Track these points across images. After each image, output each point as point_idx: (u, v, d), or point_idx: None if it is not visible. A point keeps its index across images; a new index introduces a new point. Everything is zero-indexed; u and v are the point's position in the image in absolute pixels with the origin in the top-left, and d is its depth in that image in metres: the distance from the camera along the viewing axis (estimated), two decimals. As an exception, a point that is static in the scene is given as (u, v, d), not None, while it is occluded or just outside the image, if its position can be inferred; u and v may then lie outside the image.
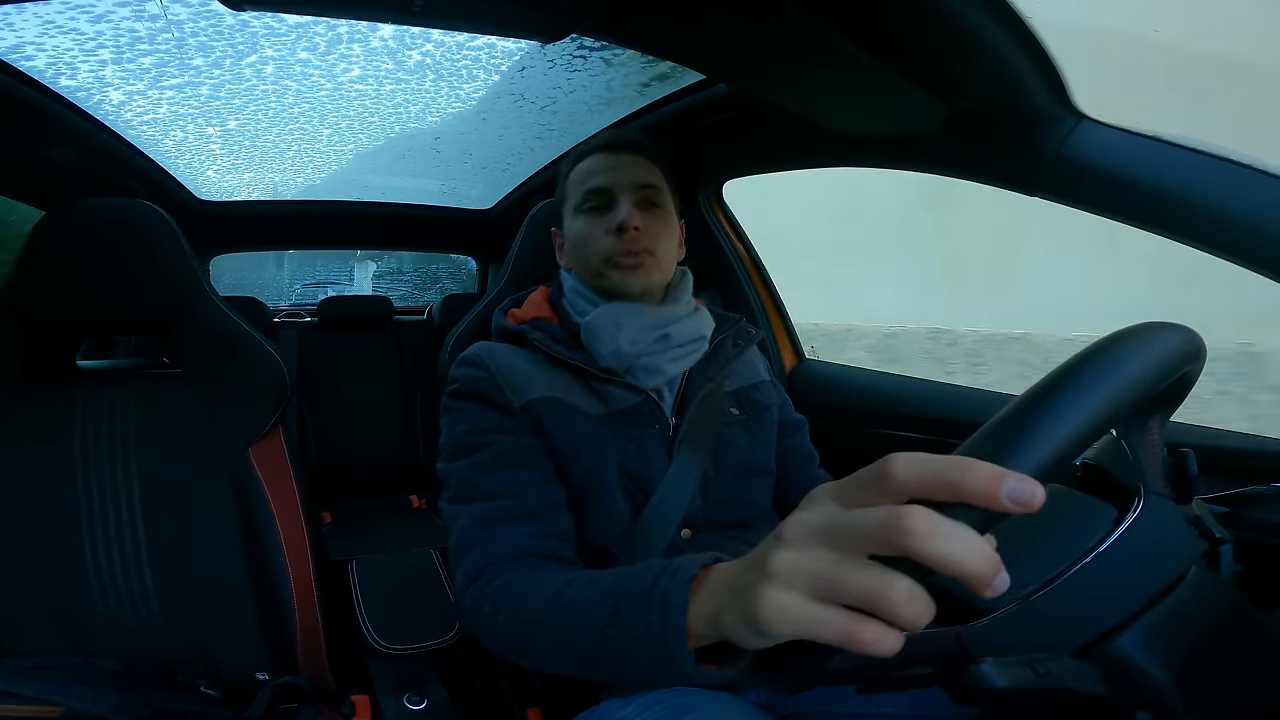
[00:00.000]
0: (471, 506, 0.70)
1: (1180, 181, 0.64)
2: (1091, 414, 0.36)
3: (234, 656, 0.92)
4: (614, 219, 0.78)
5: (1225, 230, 0.62)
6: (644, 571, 0.49)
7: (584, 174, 0.82)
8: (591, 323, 0.78)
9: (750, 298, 1.37)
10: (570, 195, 0.84)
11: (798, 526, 0.33)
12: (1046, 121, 0.71)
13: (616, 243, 0.78)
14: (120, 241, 0.90)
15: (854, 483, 0.31)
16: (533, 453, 0.74)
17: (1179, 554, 0.47)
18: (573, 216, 0.83)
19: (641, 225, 0.79)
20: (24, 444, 0.90)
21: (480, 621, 0.65)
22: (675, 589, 0.44)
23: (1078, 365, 0.38)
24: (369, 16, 0.90)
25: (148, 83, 1.19)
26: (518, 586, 0.63)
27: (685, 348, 0.80)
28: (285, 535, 0.93)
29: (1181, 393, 0.50)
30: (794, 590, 0.31)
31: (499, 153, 1.73)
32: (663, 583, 0.46)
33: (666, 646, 0.43)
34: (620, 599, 0.50)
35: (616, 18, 0.76)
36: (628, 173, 0.81)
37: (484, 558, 0.67)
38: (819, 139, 1.04)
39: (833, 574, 0.30)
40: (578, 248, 0.82)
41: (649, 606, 0.46)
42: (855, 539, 0.30)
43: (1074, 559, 0.45)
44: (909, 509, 0.28)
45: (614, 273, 0.79)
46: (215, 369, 0.97)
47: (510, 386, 0.75)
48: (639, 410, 0.78)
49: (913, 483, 0.29)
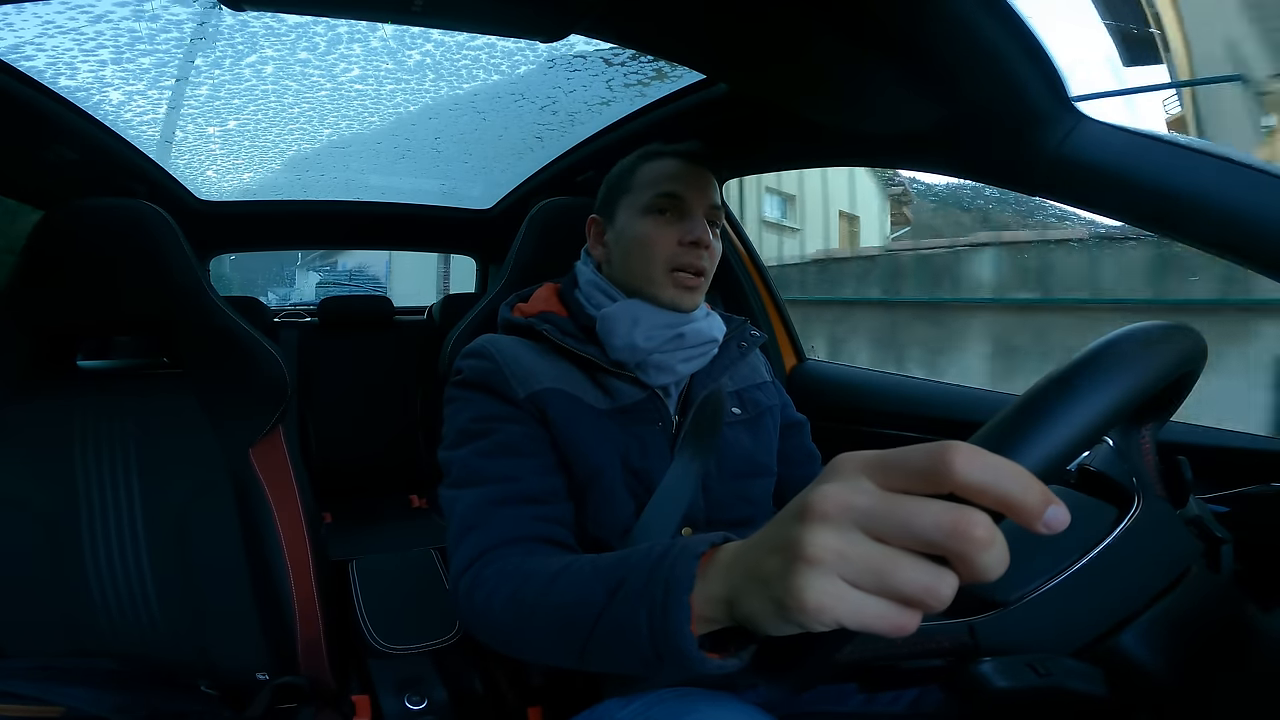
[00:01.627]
0: (472, 490, 0.70)
1: (1180, 181, 0.64)
2: (1097, 412, 0.36)
3: (234, 656, 0.92)
4: (691, 231, 0.77)
5: (1225, 230, 0.62)
6: (648, 550, 0.47)
7: (658, 175, 0.80)
8: (609, 314, 0.78)
9: (751, 298, 1.37)
10: (637, 192, 0.81)
11: (835, 503, 0.30)
12: (1046, 120, 0.71)
13: (685, 255, 0.78)
14: (120, 241, 0.90)
15: (900, 465, 0.29)
16: (536, 441, 0.73)
17: (1179, 554, 0.47)
18: (637, 215, 0.80)
19: (709, 245, 0.79)
20: (24, 444, 0.90)
21: (475, 606, 0.63)
22: (682, 565, 0.41)
23: (1081, 363, 0.38)
24: (369, 16, 0.90)
25: (147, 83, 1.19)
26: (516, 569, 0.61)
27: (698, 349, 0.80)
28: (285, 535, 0.93)
29: (1178, 396, 0.51)
30: (841, 578, 0.29)
31: (499, 153, 1.73)
32: (668, 559, 0.43)
33: (668, 626, 0.40)
34: (622, 577, 0.47)
35: (616, 18, 0.76)
36: (703, 188, 0.80)
37: (483, 541, 0.66)
38: (819, 139, 1.04)
39: (887, 569, 0.29)
40: (637, 247, 0.80)
41: (652, 583, 0.43)
42: (907, 535, 0.28)
43: (1074, 559, 0.45)
44: (977, 516, 0.27)
45: (671, 287, 0.78)
46: (215, 369, 0.97)
47: (515, 377, 0.75)
48: (643, 407, 0.78)
49: (973, 485, 0.28)
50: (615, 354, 0.77)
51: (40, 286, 0.90)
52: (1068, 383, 0.36)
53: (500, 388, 0.75)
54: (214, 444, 0.95)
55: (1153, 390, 0.39)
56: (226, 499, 0.94)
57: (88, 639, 0.88)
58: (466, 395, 0.77)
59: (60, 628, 0.88)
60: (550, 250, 1.01)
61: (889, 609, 0.29)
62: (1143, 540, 0.46)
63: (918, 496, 0.29)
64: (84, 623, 0.88)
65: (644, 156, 0.84)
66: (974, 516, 0.27)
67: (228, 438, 0.96)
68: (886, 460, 0.30)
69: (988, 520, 0.27)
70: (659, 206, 0.79)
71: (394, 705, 0.97)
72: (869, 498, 0.29)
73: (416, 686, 1.01)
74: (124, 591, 0.90)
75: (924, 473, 0.28)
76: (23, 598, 0.87)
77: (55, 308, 0.91)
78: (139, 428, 0.94)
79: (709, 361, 0.83)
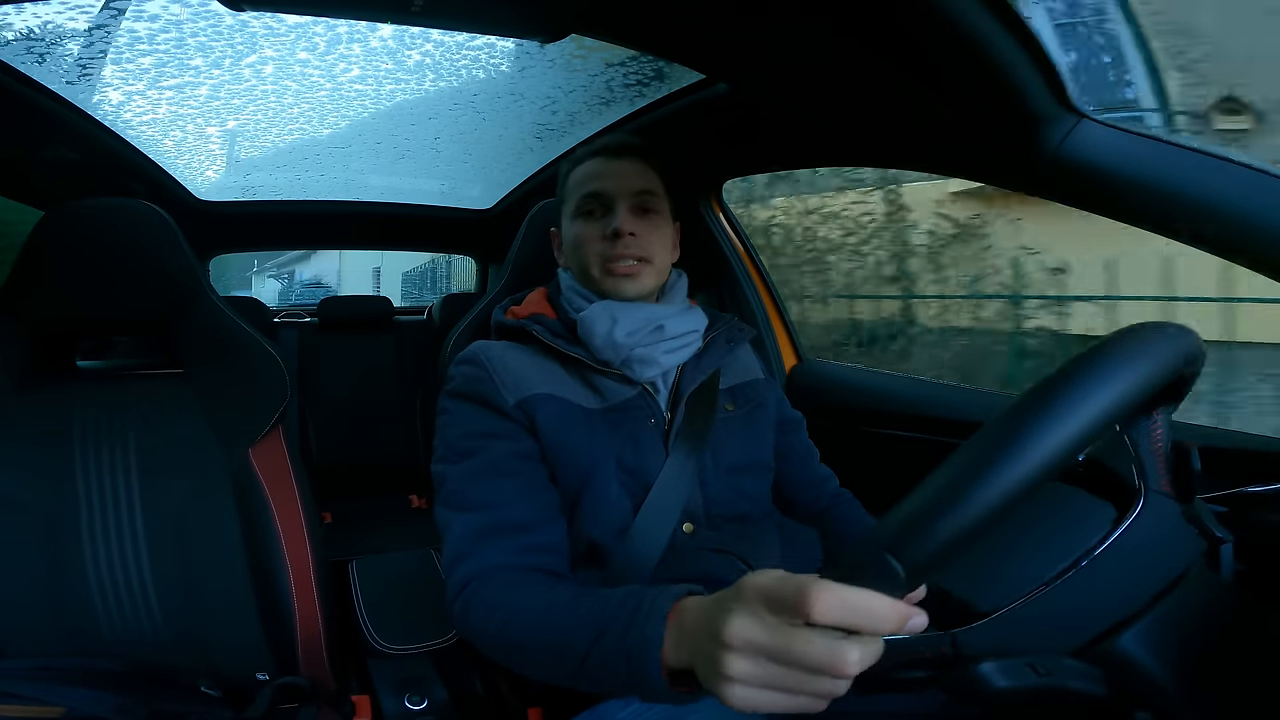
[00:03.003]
0: (461, 517, 0.71)
1: (1179, 181, 0.64)
2: (1097, 411, 0.36)
3: (234, 657, 0.92)
4: (609, 225, 0.79)
5: (1224, 230, 0.62)
6: (622, 600, 0.54)
7: (581, 178, 0.83)
8: (587, 316, 0.79)
9: (750, 297, 1.37)
10: (568, 198, 0.85)
11: (741, 639, 0.39)
12: (1045, 121, 0.71)
13: (611, 248, 0.79)
14: (120, 241, 0.90)
15: (781, 600, 0.38)
16: (523, 459, 0.74)
17: (1179, 554, 0.47)
18: (570, 220, 0.84)
19: (637, 231, 0.80)
20: (23, 444, 0.90)
21: (471, 628, 0.67)
22: (651, 626, 0.49)
23: (1084, 361, 0.38)
24: (369, 16, 0.90)
25: (148, 83, 1.19)
26: (503, 601, 0.65)
27: (679, 339, 0.81)
28: (285, 535, 0.93)
29: (1185, 388, 0.50)
30: (755, 686, 0.40)
31: (499, 153, 1.72)
32: (640, 615, 0.51)
33: (645, 673, 0.49)
34: (601, 631, 0.54)
35: (616, 18, 0.76)
36: (624, 178, 0.81)
37: (471, 569, 0.68)
38: (818, 139, 1.04)
39: (789, 683, 0.39)
40: (574, 251, 0.83)
41: (629, 637, 0.51)
42: (799, 664, 0.38)
43: (1074, 559, 0.45)
44: (847, 653, 0.36)
45: (607, 279, 0.80)
46: (215, 369, 0.97)
47: (505, 384, 0.76)
48: (634, 404, 0.79)
49: (830, 623, 0.36)
50: (599, 353, 0.78)
51: (40, 286, 0.90)
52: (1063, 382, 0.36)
53: (490, 397, 0.76)
54: (214, 444, 0.95)
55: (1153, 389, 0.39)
56: (226, 499, 0.94)
57: (88, 639, 0.88)
58: (456, 407, 0.78)
59: (60, 628, 0.88)
60: (550, 251, 1.01)
61: (797, 700, 0.39)
62: (1143, 540, 0.46)
63: (803, 630, 0.37)
64: (84, 623, 0.88)
65: (572, 162, 0.86)
66: (844, 654, 0.36)
67: (227, 438, 0.96)
68: (773, 595, 0.39)
69: (858, 651, 0.36)
70: (585, 209, 0.82)
71: (394, 705, 0.97)
72: (766, 634, 0.39)
73: (416, 686, 1.01)
74: (124, 591, 0.90)
75: (795, 609, 0.37)
76: (23, 598, 0.87)
77: (55, 307, 0.91)
78: (139, 427, 0.94)
79: (695, 356, 0.83)
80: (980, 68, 0.68)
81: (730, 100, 1.11)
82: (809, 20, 0.68)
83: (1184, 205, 0.64)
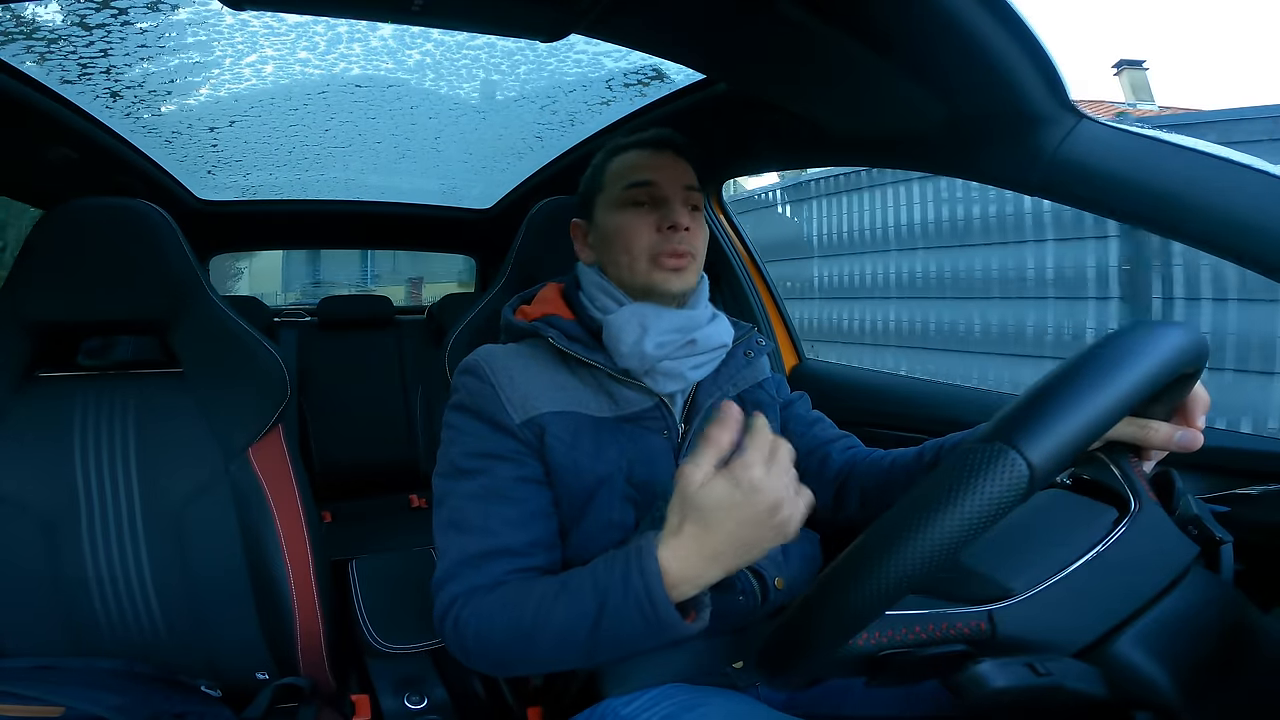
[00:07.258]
0: (458, 540, 0.69)
1: (1179, 181, 0.64)
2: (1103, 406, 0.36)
3: (234, 656, 0.92)
4: (666, 216, 0.77)
5: (1224, 230, 0.62)
6: (609, 566, 0.59)
7: (627, 168, 0.80)
8: (615, 321, 0.75)
9: (750, 298, 1.37)
10: (608, 186, 0.81)
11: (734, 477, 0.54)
12: (1045, 121, 0.71)
13: (664, 241, 0.76)
14: (120, 241, 0.90)
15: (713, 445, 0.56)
16: (525, 484, 0.72)
17: (1178, 554, 0.47)
18: (611, 209, 0.80)
19: (691, 226, 0.78)
20: (23, 444, 0.90)
21: (466, 646, 0.66)
22: (648, 565, 0.56)
23: (1088, 358, 0.38)
24: (369, 16, 0.90)
25: (148, 82, 1.18)
26: (492, 605, 0.65)
27: (708, 354, 0.79)
28: (285, 535, 0.93)
29: (1177, 397, 0.51)
30: (785, 493, 0.55)
31: (499, 153, 1.72)
32: (632, 569, 0.57)
33: (658, 614, 0.56)
34: (602, 594, 0.58)
35: (616, 18, 0.76)
36: (676, 172, 0.79)
37: (458, 589, 0.67)
38: (818, 138, 1.04)
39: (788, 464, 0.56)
40: (616, 241, 0.79)
41: (629, 589, 0.57)
42: (773, 456, 0.56)
43: (1074, 559, 0.45)
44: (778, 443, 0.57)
45: (657, 272, 0.77)
46: (215, 369, 0.97)
47: (511, 400, 0.73)
48: (650, 415, 0.77)
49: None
50: (622, 361, 0.75)
51: (40, 286, 0.90)
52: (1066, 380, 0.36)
53: (495, 414, 0.73)
54: (213, 444, 0.95)
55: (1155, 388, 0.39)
56: (226, 499, 0.94)
57: (88, 639, 0.88)
58: (461, 423, 0.75)
59: (60, 628, 0.88)
60: (550, 250, 1.01)
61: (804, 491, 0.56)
62: (1142, 540, 0.46)
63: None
64: (84, 623, 0.88)
65: (612, 152, 0.83)
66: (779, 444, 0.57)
67: (227, 437, 0.96)
68: (707, 445, 0.57)
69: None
70: (633, 198, 0.79)
71: (394, 705, 0.97)
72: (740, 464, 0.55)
73: (416, 686, 1.01)
74: (124, 591, 0.90)
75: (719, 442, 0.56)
76: (22, 597, 0.87)
77: (55, 307, 0.91)
78: (138, 428, 0.94)
79: (716, 368, 0.82)
80: (980, 68, 0.68)
81: (730, 100, 1.11)
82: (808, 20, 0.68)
83: (1184, 205, 0.64)
